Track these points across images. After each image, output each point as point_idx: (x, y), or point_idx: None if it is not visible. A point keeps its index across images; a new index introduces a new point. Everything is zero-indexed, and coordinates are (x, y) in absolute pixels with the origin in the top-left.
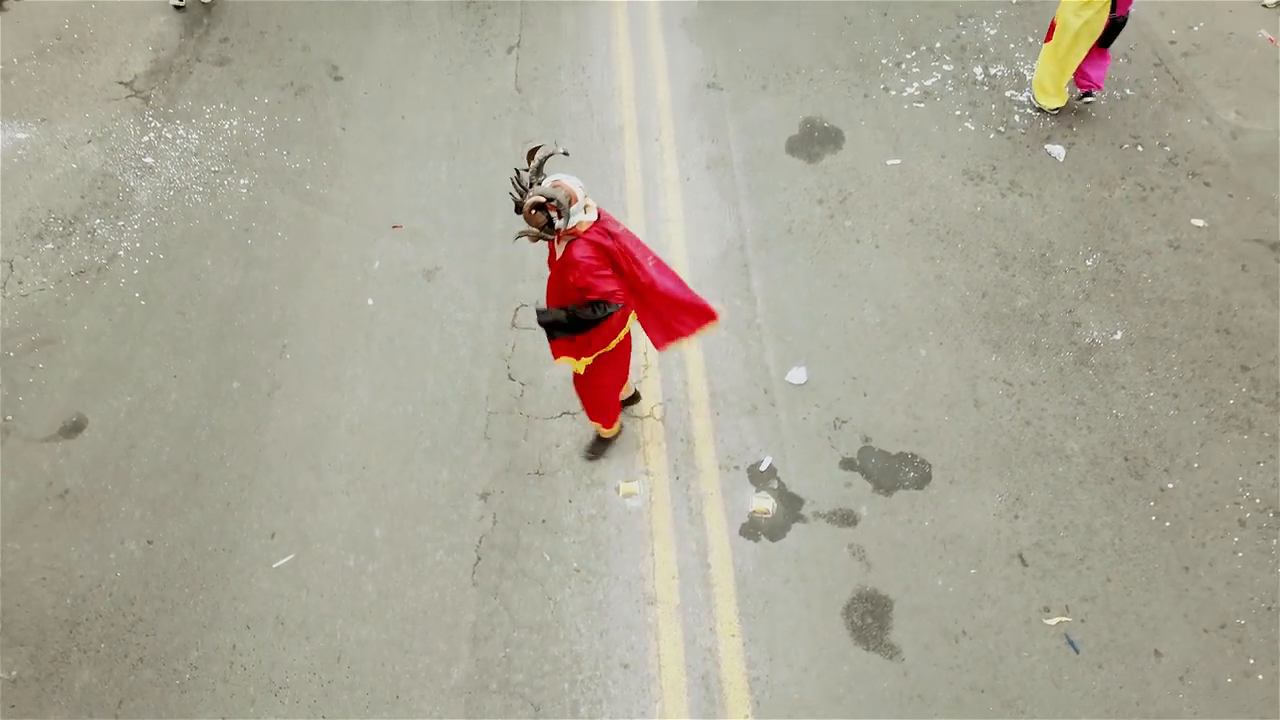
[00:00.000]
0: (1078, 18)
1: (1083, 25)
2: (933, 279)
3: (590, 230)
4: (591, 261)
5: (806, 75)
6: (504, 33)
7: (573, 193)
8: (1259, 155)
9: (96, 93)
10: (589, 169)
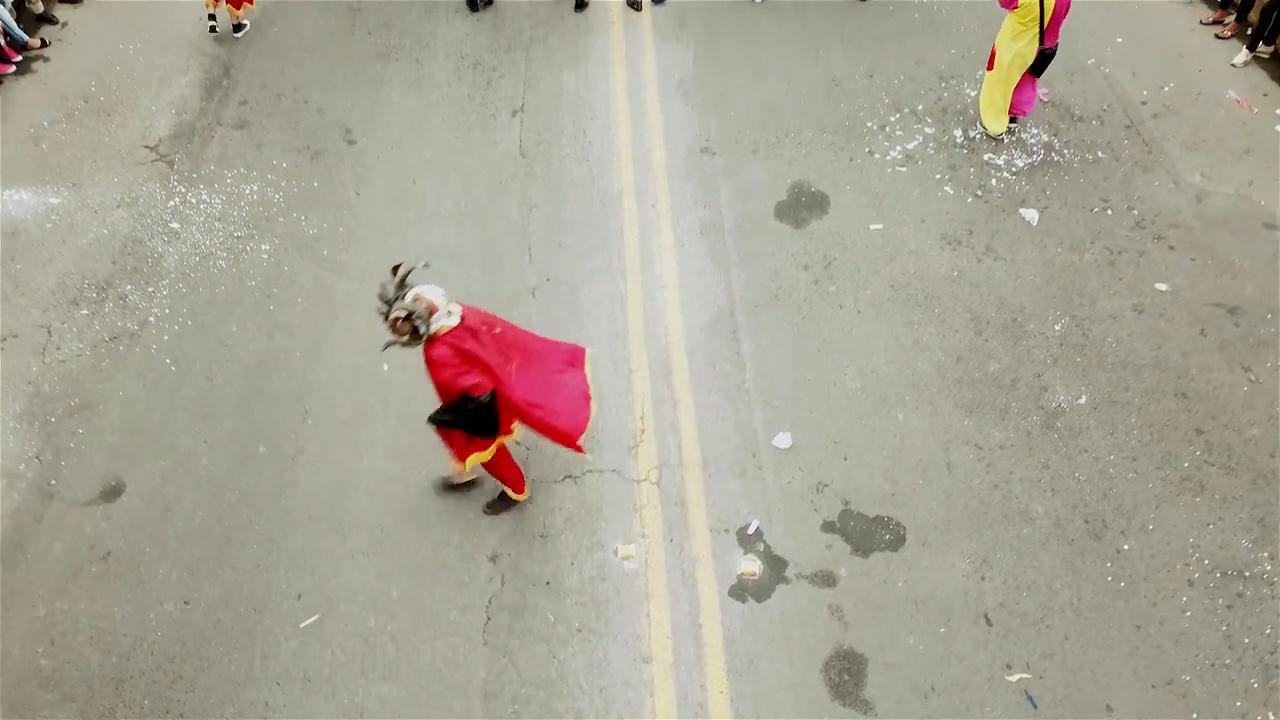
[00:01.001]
0: (1010, 49)
1: (1015, 56)
2: (910, 344)
3: (449, 333)
4: (446, 360)
5: (795, 138)
6: (509, 95)
7: (432, 304)
8: (1222, 218)
9: (123, 157)
10: (590, 233)
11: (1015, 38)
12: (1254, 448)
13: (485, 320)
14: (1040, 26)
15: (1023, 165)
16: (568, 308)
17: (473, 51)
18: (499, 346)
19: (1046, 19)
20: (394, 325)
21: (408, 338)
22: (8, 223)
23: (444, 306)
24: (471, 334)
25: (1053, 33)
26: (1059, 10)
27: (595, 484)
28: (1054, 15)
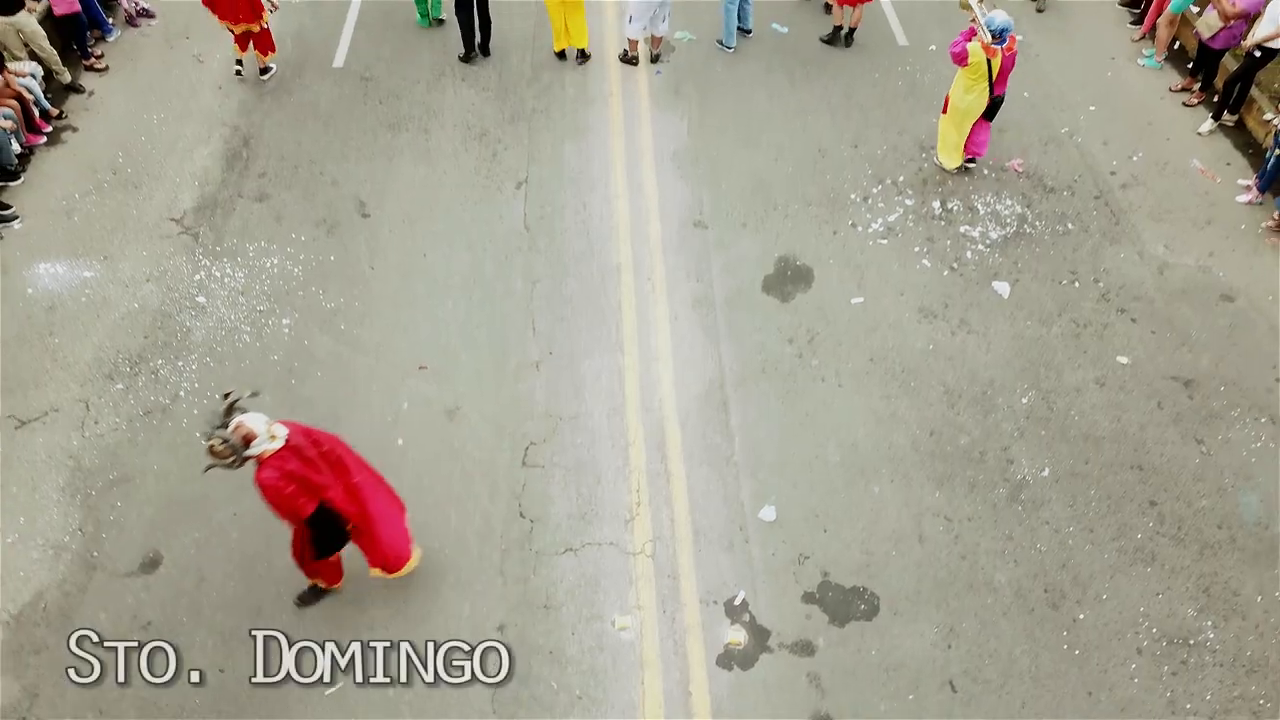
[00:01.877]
0: (964, 98)
1: (968, 105)
2: (887, 417)
3: (274, 457)
4: (272, 482)
5: (782, 211)
6: (513, 167)
7: (250, 432)
8: (1181, 291)
9: (151, 229)
10: (590, 307)
11: (968, 90)
12: (1202, 519)
13: (313, 440)
14: (989, 79)
15: (997, 237)
16: (569, 381)
17: (478, 122)
18: (328, 463)
19: (994, 73)
20: (212, 451)
21: (229, 461)
22: (45, 296)
23: (264, 432)
24: (296, 454)
25: (1000, 83)
26: (1004, 66)
27: (594, 557)
28: (1000, 70)
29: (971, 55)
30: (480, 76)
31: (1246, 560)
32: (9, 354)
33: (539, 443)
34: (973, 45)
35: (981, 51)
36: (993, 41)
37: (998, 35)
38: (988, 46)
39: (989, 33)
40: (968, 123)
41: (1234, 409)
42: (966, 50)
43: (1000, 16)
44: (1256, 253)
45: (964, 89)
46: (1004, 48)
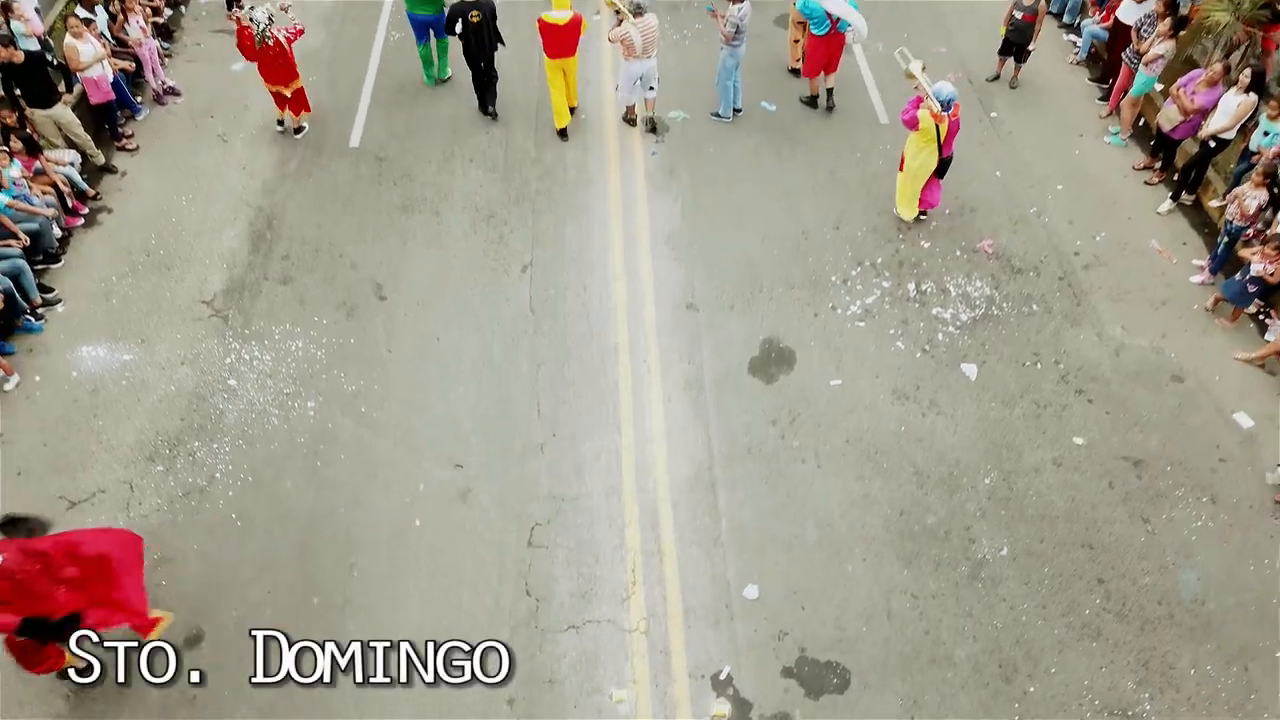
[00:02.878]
0: (917, 156)
1: (920, 164)
2: (861, 498)
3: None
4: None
5: (768, 294)
6: (519, 250)
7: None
8: (1136, 372)
9: (183, 312)
10: (590, 389)
11: (919, 150)
12: (1145, 595)
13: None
14: (938, 142)
15: (966, 319)
16: (571, 462)
17: (486, 204)
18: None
19: (942, 136)
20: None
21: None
22: (89, 379)
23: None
24: (7, 576)
25: (948, 145)
26: (950, 130)
27: (594, 633)
28: (947, 134)
29: (921, 121)
30: (487, 155)
31: (1183, 635)
32: (58, 436)
33: (543, 524)
34: (922, 112)
35: (930, 118)
36: (940, 109)
37: (945, 104)
38: (936, 114)
39: (937, 102)
40: (921, 179)
41: (1178, 489)
42: (917, 117)
43: (946, 88)
44: (1206, 333)
45: (916, 149)
46: (950, 114)
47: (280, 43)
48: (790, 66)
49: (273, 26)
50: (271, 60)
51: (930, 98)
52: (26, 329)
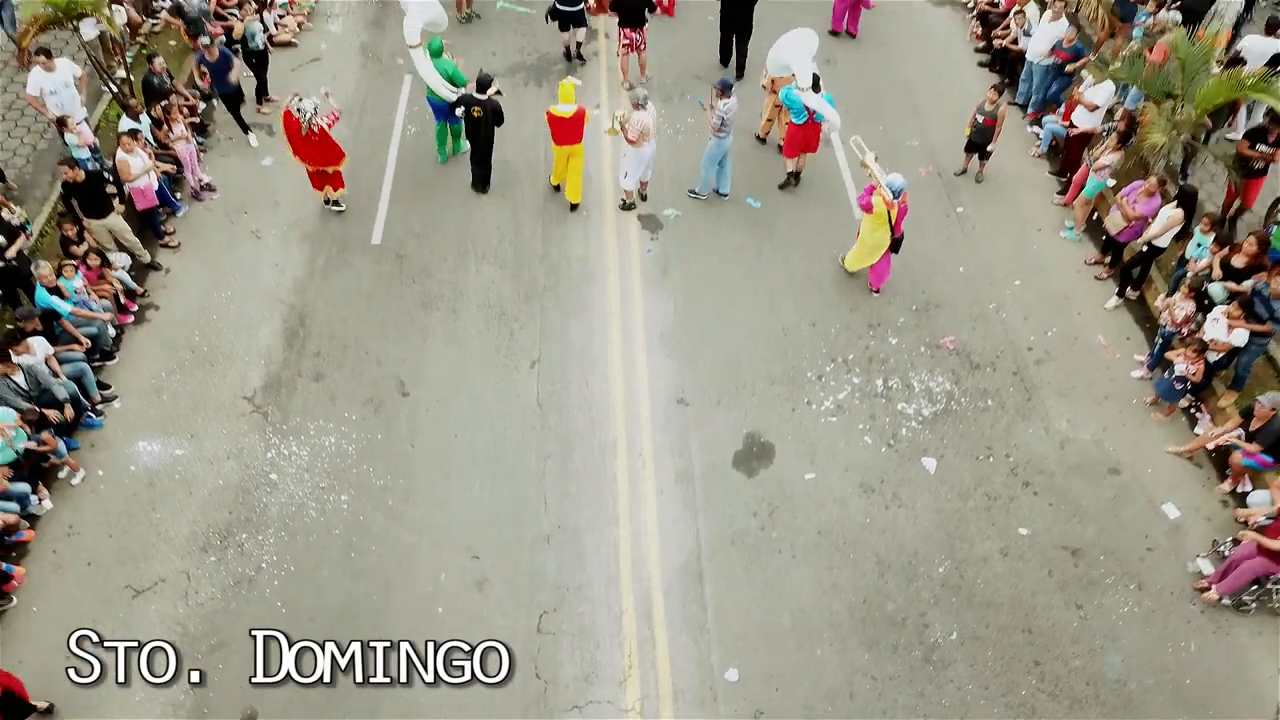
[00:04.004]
0: (872, 235)
1: (874, 242)
2: (830, 586)
3: None
4: None
5: (750, 390)
6: (527, 346)
7: None
8: (1078, 465)
9: (227, 408)
10: (592, 482)
11: (873, 230)
12: (1075, 677)
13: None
14: (890, 224)
15: (928, 414)
16: (574, 553)
17: (498, 301)
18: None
19: (893, 219)
20: None
21: None
22: (146, 473)
23: None
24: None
25: (898, 227)
26: (900, 214)
27: (596, 713)
28: (897, 217)
29: (875, 206)
30: (498, 251)
31: (1106, 713)
32: (120, 528)
33: (551, 611)
34: (876, 199)
35: (883, 204)
36: (891, 197)
37: (895, 193)
38: (888, 201)
39: (889, 191)
40: (876, 253)
41: (1109, 576)
42: (871, 203)
43: (897, 179)
44: (1143, 427)
45: (871, 229)
46: (899, 201)
47: (323, 129)
48: (757, 134)
49: (316, 116)
50: (315, 145)
51: (882, 186)
52: (88, 425)
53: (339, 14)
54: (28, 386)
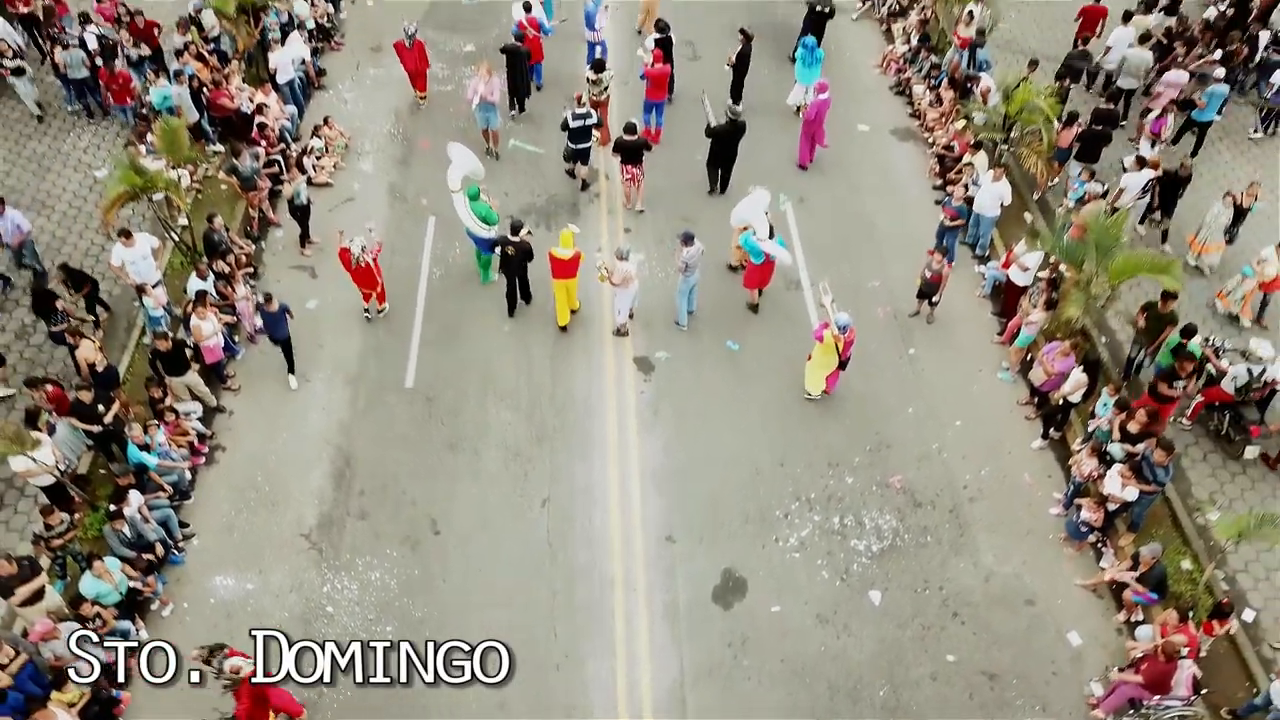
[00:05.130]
0: (823, 359)
1: (824, 363)
2: (790, 709)
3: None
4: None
5: (727, 528)
6: (539, 486)
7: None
8: (1000, 596)
9: (288, 544)
10: (593, 615)
11: (823, 355)
12: None
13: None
14: (837, 352)
15: (877, 550)
16: (579, 680)
17: (514, 442)
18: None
19: (839, 348)
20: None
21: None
22: (223, 605)
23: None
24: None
25: (845, 351)
26: (847, 344)
27: None
28: (844, 346)
29: (825, 338)
30: (513, 393)
31: None
32: None
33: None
34: (826, 333)
35: (831, 338)
36: (838, 331)
37: (842, 328)
38: (836, 335)
39: (837, 327)
40: (827, 370)
41: (1020, 699)
42: (823, 335)
43: (844, 317)
44: (1057, 560)
45: (821, 354)
46: (845, 335)
47: (369, 262)
48: (729, 263)
49: (365, 253)
50: (364, 273)
51: (832, 323)
52: (173, 562)
53: (369, 151)
54: (129, 534)
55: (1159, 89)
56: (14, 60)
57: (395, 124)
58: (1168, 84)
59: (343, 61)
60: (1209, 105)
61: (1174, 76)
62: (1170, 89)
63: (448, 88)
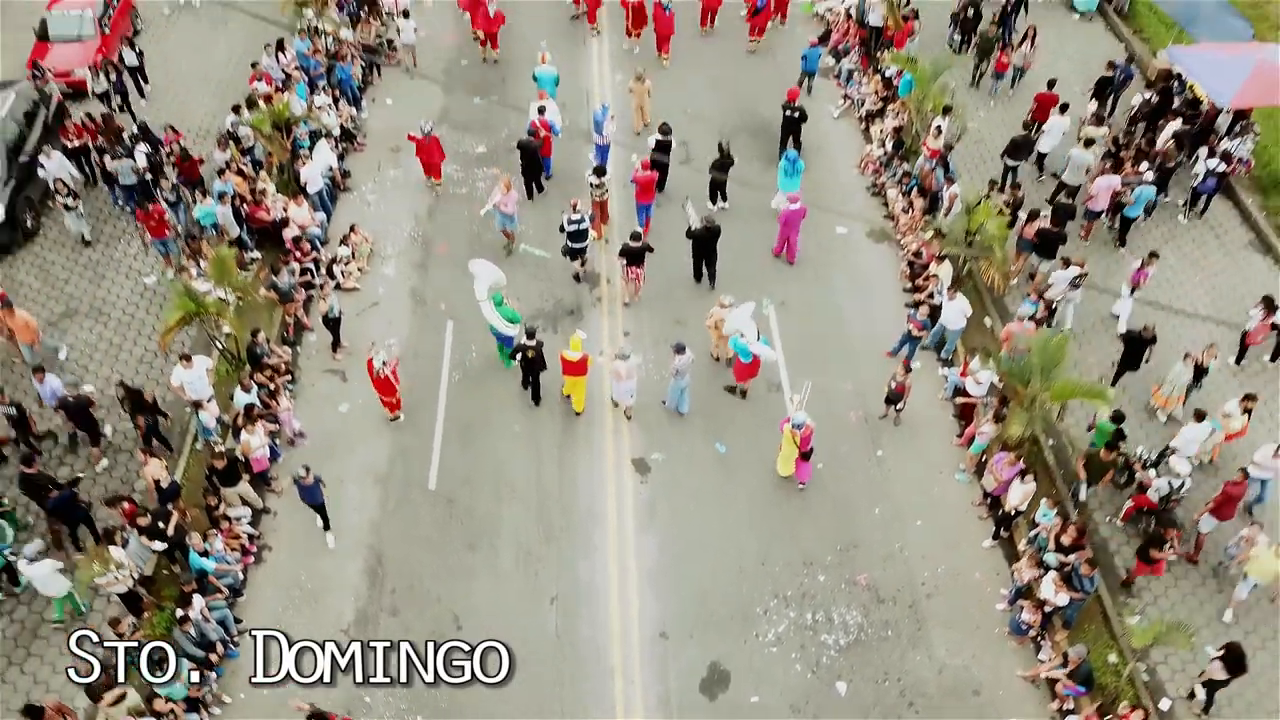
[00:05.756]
0: (787, 447)
1: (787, 453)
2: None
3: None
4: None
5: (714, 624)
6: (548, 583)
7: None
8: (951, 688)
9: (330, 639)
10: (597, 706)
11: (786, 444)
12: None
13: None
14: (796, 444)
15: (844, 643)
16: None
17: (525, 540)
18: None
19: (797, 441)
20: None
21: None
22: (274, 694)
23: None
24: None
25: (803, 445)
26: (804, 439)
27: None
28: (802, 440)
29: (786, 431)
30: (525, 493)
31: None
32: None
33: None
34: (787, 427)
35: (791, 433)
36: (794, 428)
37: (797, 426)
38: (792, 431)
39: (794, 424)
40: (790, 458)
41: None
42: (783, 428)
43: (800, 416)
44: (1002, 653)
45: (785, 442)
46: (801, 431)
47: (387, 376)
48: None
49: (385, 368)
50: (383, 383)
51: (793, 420)
52: (229, 655)
53: (391, 255)
54: (195, 635)
55: (1094, 191)
56: (68, 197)
57: (415, 226)
58: (1100, 188)
59: (365, 162)
60: (1136, 203)
61: (1105, 181)
62: (1104, 192)
63: (462, 190)
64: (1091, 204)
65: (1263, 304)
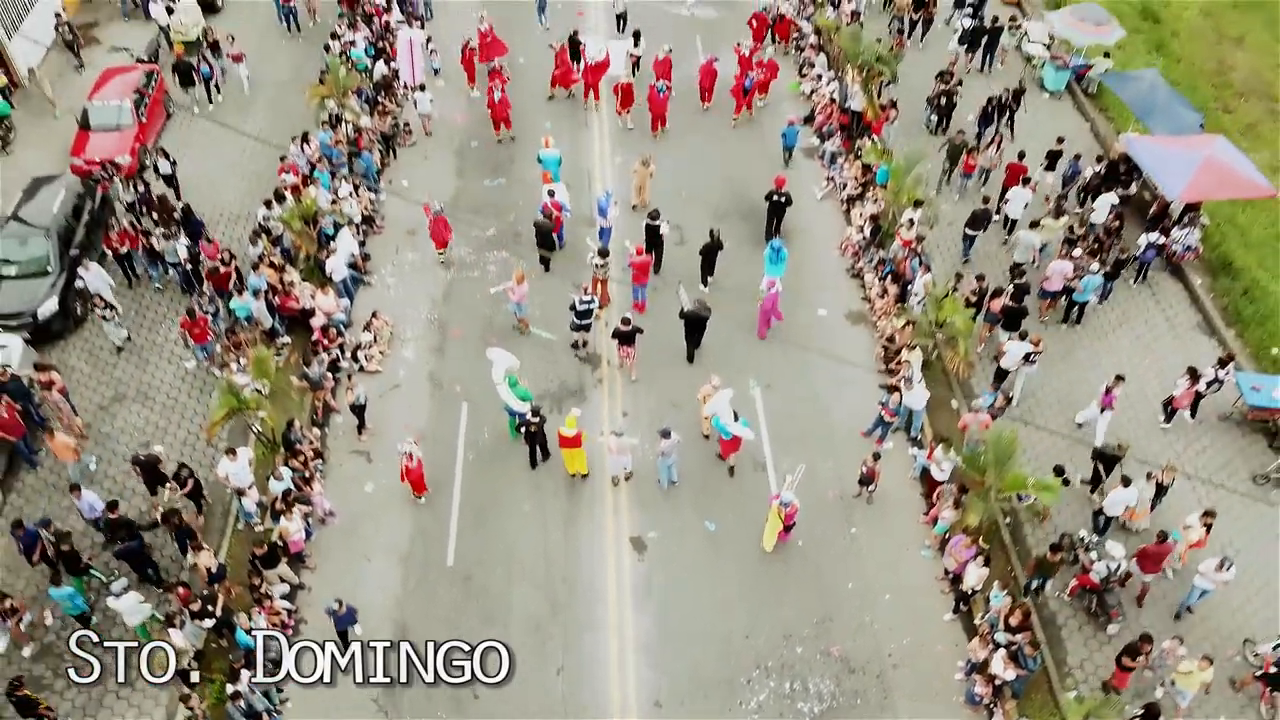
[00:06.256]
0: (771, 523)
1: (772, 527)
2: None
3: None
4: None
5: (704, 694)
6: (555, 655)
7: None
8: None
9: (361, 708)
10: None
11: (773, 518)
12: None
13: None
14: (780, 518)
15: (817, 711)
16: None
17: (534, 616)
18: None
19: (782, 517)
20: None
21: None
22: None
23: None
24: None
25: (787, 520)
26: (789, 516)
27: None
28: (786, 517)
29: (773, 506)
30: (533, 570)
31: None
32: None
33: None
34: (775, 503)
35: (776, 508)
36: (781, 506)
37: (784, 504)
38: (780, 508)
39: (781, 502)
40: (775, 531)
41: None
42: (773, 503)
43: (788, 495)
44: (957, 717)
45: (774, 518)
46: (787, 509)
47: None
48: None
49: (413, 461)
50: (415, 476)
51: (782, 499)
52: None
53: (410, 338)
54: (244, 707)
55: (1049, 273)
56: (106, 309)
57: (431, 309)
58: (1054, 272)
59: (383, 245)
60: (1084, 290)
61: (1059, 266)
62: (1057, 275)
63: (474, 273)
64: (1046, 285)
65: (1188, 374)
